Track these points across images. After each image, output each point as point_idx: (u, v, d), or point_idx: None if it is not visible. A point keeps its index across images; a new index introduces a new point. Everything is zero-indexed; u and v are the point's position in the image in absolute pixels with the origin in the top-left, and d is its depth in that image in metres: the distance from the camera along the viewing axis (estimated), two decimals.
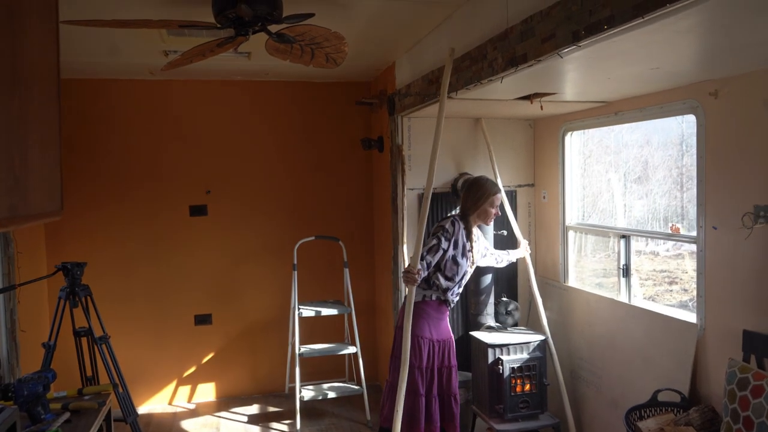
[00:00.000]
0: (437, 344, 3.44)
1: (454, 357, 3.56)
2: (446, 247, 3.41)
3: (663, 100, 3.35)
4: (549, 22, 2.34)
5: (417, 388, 3.31)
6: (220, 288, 5.36)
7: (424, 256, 3.33)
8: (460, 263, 3.47)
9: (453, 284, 3.48)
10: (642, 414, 3.17)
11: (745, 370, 2.67)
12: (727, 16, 1.89)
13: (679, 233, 3.50)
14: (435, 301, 3.45)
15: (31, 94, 1.46)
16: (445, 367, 3.46)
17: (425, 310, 3.43)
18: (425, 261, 3.32)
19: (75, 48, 3.92)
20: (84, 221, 5.02)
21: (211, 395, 5.41)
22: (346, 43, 2.97)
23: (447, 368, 3.46)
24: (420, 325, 3.39)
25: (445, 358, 3.48)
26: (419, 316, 3.40)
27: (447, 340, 3.52)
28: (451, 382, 3.46)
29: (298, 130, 5.47)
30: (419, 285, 3.38)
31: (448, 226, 3.45)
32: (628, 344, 3.67)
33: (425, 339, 3.38)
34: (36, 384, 2.65)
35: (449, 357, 3.52)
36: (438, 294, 3.45)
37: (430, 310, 3.43)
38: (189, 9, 3.09)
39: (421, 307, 3.44)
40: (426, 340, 3.37)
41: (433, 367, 3.41)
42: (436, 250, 3.41)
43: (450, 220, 3.49)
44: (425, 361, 3.36)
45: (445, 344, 3.51)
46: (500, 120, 4.72)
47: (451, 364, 3.52)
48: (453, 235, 3.42)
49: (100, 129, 5.06)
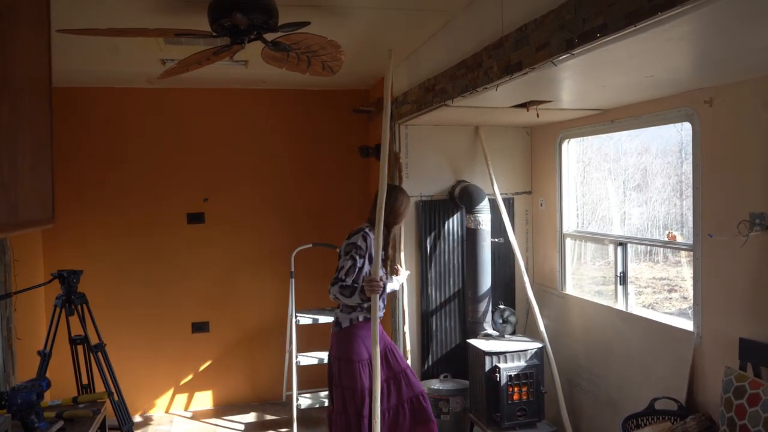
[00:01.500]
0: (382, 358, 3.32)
1: (402, 360, 3.43)
2: (361, 265, 3.26)
3: (658, 108, 3.36)
4: (543, 30, 2.35)
5: (361, 411, 3.19)
6: (218, 295, 5.35)
7: (343, 280, 3.20)
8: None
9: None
10: (639, 422, 3.16)
11: (741, 379, 2.66)
12: (719, 24, 1.89)
13: (675, 241, 3.49)
14: (363, 321, 3.30)
15: (21, 102, 1.47)
16: (397, 374, 3.34)
17: (356, 333, 3.29)
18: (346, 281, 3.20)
19: (73, 57, 3.93)
20: (81, 229, 5.02)
21: (208, 403, 5.39)
22: (342, 52, 2.97)
23: (401, 373, 3.34)
24: (356, 350, 3.26)
25: (392, 366, 3.35)
26: (352, 341, 3.28)
27: (384, 349, 3.35)
28: (411, 385, 3.34)
29: (295, 138, 5.47)
30: (343, 310, 3.27)
31: (360, 243, 3.26)
32: (626, 352, 3.66)
33: (365, 361, 3.25)
34: (29, 392, 2.63)
35: (397, 362, 3.38)
36: (364, 314, 3.29)
37: (361, 332, 3.29)
38: (185, 18, 3.10)
39: (351, 332, 3.30)
40: (366, 362, 3.25)
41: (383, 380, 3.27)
42: (354, 271, 3.24)
43: (361, 235, 3.28)
44: (368, 381, 3.23)
45: (385, 353, 3.36)
46: (497, 128, 4.73)
47: (402, 368, 3.38)
48: (366, 251, 3.26)
49: (97, 137, 5.07)
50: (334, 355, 3.37)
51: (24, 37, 1.51)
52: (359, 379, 3.22)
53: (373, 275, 3.08)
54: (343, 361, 3.27)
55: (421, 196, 4.61)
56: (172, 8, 3.00)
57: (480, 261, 4.30)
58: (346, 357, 3.26)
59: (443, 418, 4.24)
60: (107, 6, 2.97)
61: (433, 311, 4.61)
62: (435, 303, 4.61)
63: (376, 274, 3.06)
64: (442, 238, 4.61)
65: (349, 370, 3.25)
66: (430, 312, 4.61)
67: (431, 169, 4.63)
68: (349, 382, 3.24)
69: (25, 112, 1.48)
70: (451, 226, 4.63)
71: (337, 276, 3.23)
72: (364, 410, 3.20)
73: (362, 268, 3.27)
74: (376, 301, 3.06)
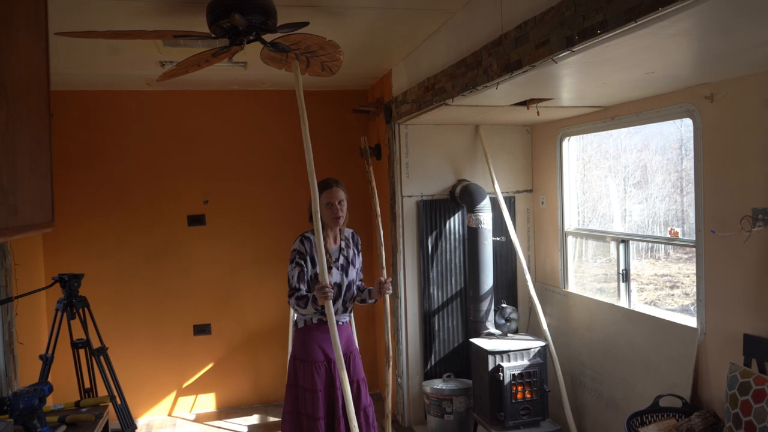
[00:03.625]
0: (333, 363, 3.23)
1: (360, 370, 3.33)
2: (306, 268, 3.20)
3: (659, 104, 3.35)
4: (543, 27, 2.34)
5: (316, 413, 3.15)
6: (219, 297, 5.34)
7: (297, 287, 3.16)
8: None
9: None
10: (643, 420, 3.15)
11: (746, 375, 2.65)
12: (719, 20, 1.88)
13: (677, 237, 3.48)
14: (317, 323, 3.22)
15: (18, 105, 1.46)
16: (352, 382, 3.24)
17: (311, 334, 3.23)
18: (301, 291, 3.15)
19: (71, 60, 3.92)
20: (82, 233, 5.02)
21: (211, 406, 5.38)
22: (341, 52, 2.97)
23: (354, 383, 3.24)
24: (311, 350, 3.21)
25: (350, 374, 3.25)
26: (306, 342, 3.23)
27: (347, 354, 3.27)
28: (360, 397, 3.26)
29: (295, 139, 5.44)
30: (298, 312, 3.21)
31: (298, 246, 3.22)
32: (629, 349, 3.65)
33: (320, 362, 3.20)
34: (32, 397, 2.63)
35: (354, 371, 3.29)
36: (318, 316, 3.22)
37: (315, 333, 3.22)
38: (184, 19, 3.09)
39: (306, 332, 3.25)
40: (321, 363, 3.20)
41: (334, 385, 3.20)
42: (304, 276, 3.19)
43: (299, 240, 3.25)
44: (322, 384, 3.18)
45: (348, 359, 3.28)
46: (498, 126, 4.72)
47: (358, 378, 3.29)
48: (308, 253, 3.20)
49: (97, 140, 5.06)
50: (291, 354, 3.36)
51: (21, 40, 1.50)
52: (312, 380, 3.18)
53: (321, 282, 2.98)
54: (299, 361, 3.24)
55: (422, 196, 4.61)
56: (170, 10, 2.99)
57: (482, 260, 4.29)
58: (300, 357, 3.24)
59: (447, 418, 4.23)
60: (105, 8, 2.96)
61: (435, 311, 4.60)
62: (437, 302, 4.60)
63: (324, 281, 2.97)
64: (443, 238, 4.60)
65: (303, 370, 3.22)
66: (432, 312, 4.60)
67: (432, 169, 4.62)
68: (304, 382, 3.21)
69: (23, 116, 1.47)
70: (452, 226, 4.62)
71: (290, 285, 3.19)
72: (318, 412, 3.16)
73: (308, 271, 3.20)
74: (330, 307, 2.96)
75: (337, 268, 3.25)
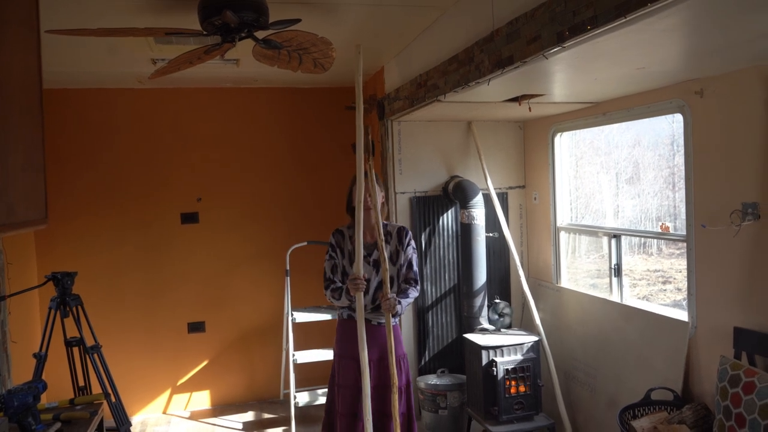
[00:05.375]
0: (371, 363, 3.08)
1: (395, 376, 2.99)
2: (337, 260, 3.21)
3: (650, 99, 3.37)
4: (534, 23, 2.35)
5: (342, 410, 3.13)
6: (213, 295, 5.34)
7: (330, 278, 3.17)
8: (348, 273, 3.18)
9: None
10: (636, 413, 3.17)
11: (736, 367, 2.68)
12: (709, 15, 1.90)
13: (668, 232, 3.51)
14: (347, 318, 3.19)
15: (11, 103, 1.46)
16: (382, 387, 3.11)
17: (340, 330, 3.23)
18: (336, 283, 3.14)
19: (63, 58, 3.91)
20: (75, 231, 5.00)
21: (205, 403, 5.38)
22: (333, 48, 2.97)
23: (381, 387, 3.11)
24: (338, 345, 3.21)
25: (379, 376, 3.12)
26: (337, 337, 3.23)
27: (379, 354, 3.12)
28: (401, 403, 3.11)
29: (288, 136, 5.46)
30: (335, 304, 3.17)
31: (330, 239, 3.25)
32: (622, 344, 3.68)
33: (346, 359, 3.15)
34: (26, 395, 2.62)
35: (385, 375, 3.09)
36: (347, 311, 3.19)
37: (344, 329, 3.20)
38: (175, 16, 3.09)
39: (338, 327, 3.26)
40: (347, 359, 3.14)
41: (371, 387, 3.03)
42: (338, 268, 3.20)
43: (332, 233, 3.26)
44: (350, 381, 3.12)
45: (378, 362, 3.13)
46: (490, 122, 4.73)
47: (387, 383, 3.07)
48: (338, 246, 3.21)
49: (90, 138, 5.05)
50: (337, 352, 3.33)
51: (13, 39, 1.50)
52: (343, 376, 3.18)
53: (355, 273, 2.98)
54: (335, 355, 3.28)
55: (415, 192, 4.62)
56: (162, 7, 2.99)
57: (475, 256, 4.30)
58: (336, 351, 3.26)
59: (441, 413, 4.25)
60: (97, 6, 2.96)
61: (428, 307, 4.62)
62: (431, 299, 4.62)
63: (358, 272, 2.97)
64: (436, 234, 4.62)
65: (337, 365, 3.24)
66: (426, 308, 4.61)
67: (425, 165, 4.63)
68: (337, 377, 3.23)
69: (15, 114, 1.48)
70: (445, 222, 4.63)
71: (324, 278, 3.20)
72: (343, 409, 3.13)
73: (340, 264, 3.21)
74: (361, 299, 2.95)
75: (368, 263, 3.16)
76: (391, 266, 3.19)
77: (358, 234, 2.96)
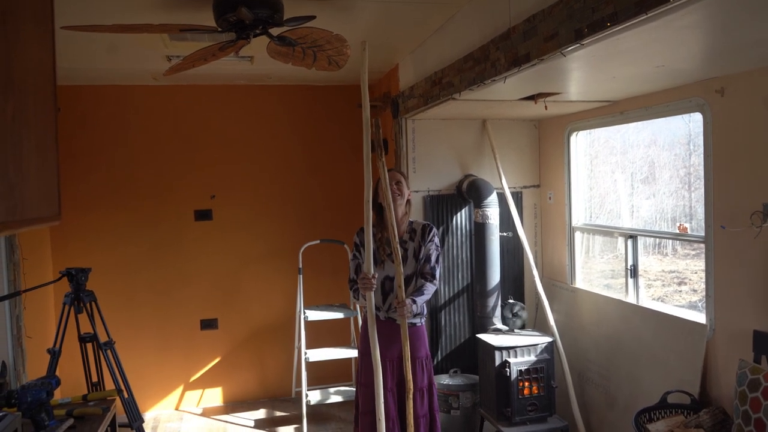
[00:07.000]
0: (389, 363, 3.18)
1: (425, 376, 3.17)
2: (361, 259, 3.19)
3: (669, 98, 3.32)
4: (551, 20, 2.32)
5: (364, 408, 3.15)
6: (226, 292, 5.35)
7: (352, 277, 3.22)
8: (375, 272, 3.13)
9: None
10: (651, 416, 3.13)
11: (756, 371, 2.63)
12: (730, 12, 1.86)
13: (686, 233, 3.46)
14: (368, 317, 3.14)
15: (25, 99, 1.45)
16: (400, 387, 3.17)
17: (363, 328, 3.24)
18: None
19: (78, 54, 3.93)
20: (89, 227, 5.03)
21: (217, 400, 5.40)
22: (348, 46, 2.95)
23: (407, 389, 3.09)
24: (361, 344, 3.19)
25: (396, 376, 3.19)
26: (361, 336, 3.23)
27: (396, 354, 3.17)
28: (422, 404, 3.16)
29: (302, 134, 5.46)
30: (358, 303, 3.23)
31: (355, 238, 3.24)
32: (637, 345, 3.63)
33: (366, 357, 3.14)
34: (39, 390, 2.64)
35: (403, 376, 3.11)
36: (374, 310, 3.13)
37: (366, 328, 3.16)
38: (190, 13, 3.08)
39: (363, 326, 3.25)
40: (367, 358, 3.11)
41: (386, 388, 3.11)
42: (357, 267, 3.23)
43: (356, 232, 3.26)
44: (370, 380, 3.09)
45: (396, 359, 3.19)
46: (505, 121, 4.69)
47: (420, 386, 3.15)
48: (361, 244, 3.18)
49: (104, 135, 5.07)
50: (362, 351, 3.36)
51: (28, 35, 1.49)
52: (360, 374, 3.20)
53: (365, 272, 2.98)
54: (359, 354, 3.30)
55: (429, 191, 4.59)
56: (177, 4, 2.99)
57: (488, 255, 4.27)
58: (360, 350, 3.29)
59: (453, 414, 4.22)
60: (111, 2, 2.96)
61: (441, 306, 4.59)
62: (444, 298, 4.59)
63: (368, 271, 2.97)
64: (450, 233, 4.59)
65: (361, 363, 3.26)
66: (439, 307, 4.59)
67: (438, 164, 4.60)
68: (360, 376, 3.26)
69: (29, 111, 1.47)
70: (459, 221, 4.61)
71: (349, 278, 3.25)
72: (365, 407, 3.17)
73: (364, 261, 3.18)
74: (371, 298, 2.96)
75: (391, 261, 3.13)
76: (415, 263, 3.22)
77: (367, 232, 2.96)
